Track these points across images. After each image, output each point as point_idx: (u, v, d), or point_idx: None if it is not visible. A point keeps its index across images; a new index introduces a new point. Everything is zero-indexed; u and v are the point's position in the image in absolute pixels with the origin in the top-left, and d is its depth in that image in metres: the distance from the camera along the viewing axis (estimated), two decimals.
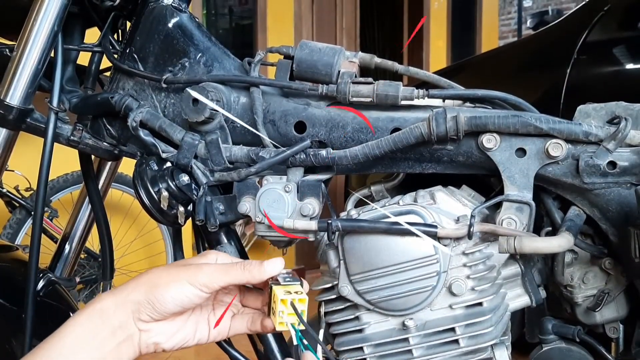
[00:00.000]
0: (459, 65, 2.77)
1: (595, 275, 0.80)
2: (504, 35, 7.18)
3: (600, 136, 0.69)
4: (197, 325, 0.65)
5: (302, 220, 0.73)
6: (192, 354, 2.86)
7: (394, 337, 0.75)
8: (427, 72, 0.80)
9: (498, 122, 0.69)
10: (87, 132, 0.86)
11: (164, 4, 0.83)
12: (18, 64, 0.79)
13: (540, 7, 7.17)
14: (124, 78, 0.85)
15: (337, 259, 0.76)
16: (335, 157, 0.73)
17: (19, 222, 2.42)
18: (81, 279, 2.49)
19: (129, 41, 0.85)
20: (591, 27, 1.80)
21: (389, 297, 0.73)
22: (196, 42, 0.82)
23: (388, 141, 0.72)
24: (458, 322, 0.72)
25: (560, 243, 0.69)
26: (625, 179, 0.69)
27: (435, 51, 5.39)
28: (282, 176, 0.75)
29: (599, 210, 0.73)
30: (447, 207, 0.75)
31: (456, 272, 0.72)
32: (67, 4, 0.79)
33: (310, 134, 0.77)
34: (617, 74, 1.80)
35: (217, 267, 0.62)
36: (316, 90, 0.76)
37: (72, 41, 0.91)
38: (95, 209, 0.95)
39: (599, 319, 0.81)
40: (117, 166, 1.07)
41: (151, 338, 0.62)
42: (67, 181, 2.52)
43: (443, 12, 5.47)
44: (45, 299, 0.93)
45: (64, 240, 1.09)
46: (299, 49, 0.77)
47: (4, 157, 0.86)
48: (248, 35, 4.09)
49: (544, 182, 0.74)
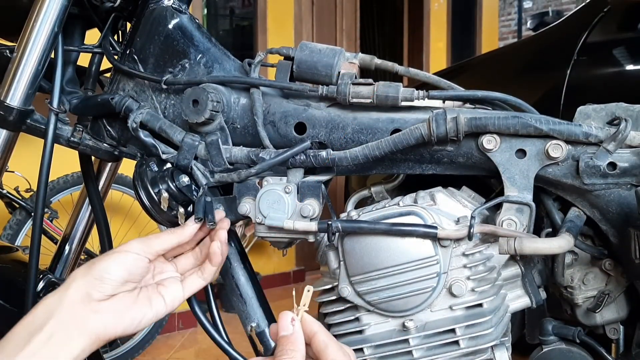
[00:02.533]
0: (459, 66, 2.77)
1: (595, 277, 0.80)
2: (504, 37, 7.19)
3: (600, 137, 0.69)
4: (150, 300, 0.67)
5: (302, 221, 0.73)
6: (192, 355, 2.86)
7: (394, 338, 0.75)
8: (427, 73, 0.80)
9: (498, 123, 0.70)
10: (87, 133, 0.86)
11: (164, 5, 0.83)
12: (18, 65, 0.79)
13: (540, 8, 7.17)
14: (124, 79, 0.85)
15: (337, 260, 0.76)
16: (335, 158, 0.73)
17: (19, 223, 2.42)
18: None
19: (129, 42, 0.85)
20: (591, 28, 1.81)
21: (389, 298, 0.73)
22: (196, 43, 0.82)
23: (388, 142, 0.72)
24: (458, 323, 0.72)
25: (560, 244, 0.69)
26: (625, 180, 0.69)
27: (435, 52, 5.39)
28: (282, 177, 0.75)
29: (599, 211, 0.73)
30: (447, 208, 0.75)
31: (456, 273, 0.72)
32: (67, 5, 0.79)
33: (311, 135, 0.77)
34: (617, 75, 1.80)
35: (148, 237, 0.67)
36: (316, 91, 0.76)
37: (72, 42, 0.91)
38: (96, 210, 0.95)
39: (599, 320, 0.81)
40: (117, 167, 1.07)
41: (103, 320, 0.61)
42: (67, 182, 2.52)
43: (443, 14, 5.47)
44: None
45: (64, 241, 1.09)
46: (299, 50, 0.77)
47: (4, 158, 0.86)
48: (248, 37, 4.09)
49: (544, 183, 0.74)
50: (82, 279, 0.62)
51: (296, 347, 0.55)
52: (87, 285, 0.61)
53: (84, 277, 0.62)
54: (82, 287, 0.61)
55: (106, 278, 0.61)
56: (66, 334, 0.59)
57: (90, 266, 0.62)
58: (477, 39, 5.94)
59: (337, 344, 0.57)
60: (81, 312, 0.60)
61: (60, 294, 0.61)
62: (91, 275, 0.61)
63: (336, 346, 0.57)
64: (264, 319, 0.80)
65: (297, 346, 0.55)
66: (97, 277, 0.61)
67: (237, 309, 0.82)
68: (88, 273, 0.62)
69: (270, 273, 3.93)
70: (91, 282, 0.61)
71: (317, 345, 0.57)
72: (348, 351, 0.59)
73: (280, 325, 0.57)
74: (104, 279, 0.61)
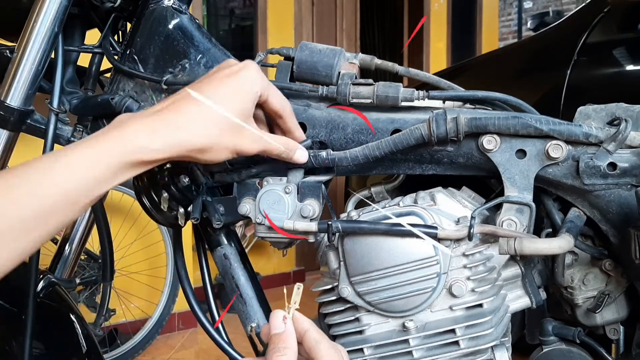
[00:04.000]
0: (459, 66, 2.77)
1: (595, 277, 0.80)
2: (504, 37, 7.19)
3: (600, 137, 0.69)
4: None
5: (302, 221, 0.73)
6: (193, 355, 2.86)
7: (394, 339, 0.75)
8: (427, 73, 0.80)
9: (498, 124, 0.70)
10: (88, 133, 0.86)
11: (165, 5, 0.83)
12: (18, 65, 0.79)
13: (541, 8, 7.17)
14: (124, 79, 0.85)
15: (337, 260, 0.76)
16: (336, 159, 0.73)
17: None
18: (81, 280, 2.49)
19: (129, 42, 0.85)
20: (591, 29, 1.81)
21: (389, 299, 0.73)
22: (196, 43, 0.82)
23: (388, 142, 0.72)
24: (458, 323, 0.72)
25: (560, 244, 0.69)
26: (625, 180, 0.69)
27: (435, 52, 5.39)
28: (282, 177, 0.75)
29: (599, 212, 0.73)
30: (447, 208, 0.75)
31: (456, 274, 0.72)
32: (67, 5, 0.79)
33: (311, 135, 0.77)
34: (617, 75, 1.80)
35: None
36: (316, 91, 0.76)
37: (72, 42, 0.91)
38: (96, 210, 0.95)
39: (599, 320, 0.81)
40: None
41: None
42: None
43: (443, 14, 5.47)
44: (45, 300, 0.93)
45: (64, 242, 1.09)
46: (299, 50, 0.77)
47: (4, 159, 0.86)
48: (248, 37, 4.09)
49: (544, 184, 0.74)
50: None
51: (288, 344, 0.55)
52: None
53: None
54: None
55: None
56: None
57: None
58: (477, 39, 5.94)
59: (328, 341, 0.58)
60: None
61: None
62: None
63: (328, 343, 0.57)
64: (264, 319, 0.80)
65: (289, 343, 0.56)
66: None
67: (237, 309, 0.82)
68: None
69: (270, 273, 3.93)
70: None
71: (308, 343, 0.57)
72: (340, 348, 0.59)
73: (272, 324, 0.57)
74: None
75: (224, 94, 0.63)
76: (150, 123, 0.59)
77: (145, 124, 0.59)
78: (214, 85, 0.63)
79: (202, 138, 0.61)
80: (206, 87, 0.63)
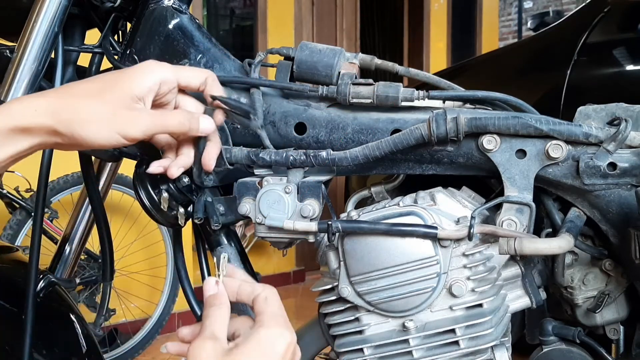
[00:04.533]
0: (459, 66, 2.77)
1: (595, 277, 0.80)
2: (504, 37, 7.19)
3: (600, 137, 0.69)
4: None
5: (302, 221, 0.73)
6: None
7: (394, 339, 0.75)
8: (427, 73, 0.80)
9: (498, 124, 0.70)
10: None
11: (165, 5, 0.83)
12: (18, 65, 0.79)
13: (541, 8, 7.17)
14: None
15: (337, 260, 0.76)
16: (336, 159, 0.73)
17: (19, 223, 2.42)
18: (81, 280, 2.49)
19: (129, 42, 0.85)
20: (591, 29, 1.81)
21: (389, 299, 0.73)
22: (196, 43, 0.82)
23: (388, 142, 0.72)
24: (458, 323, 0.72)
25: (560, 244, 0.69)
26: (625, 180, 0.69)
27: (436, 52, 5.39)
28: (282, 177, 0.75)
29: (599, 212, 0.73)
30: (447, 208, 0.75)
31: (456, 274, 0.72)
32: (67, 5, 0.79)
33: (311, 135, 0.77)
34: (617, 75, 1.80)
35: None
36: (316, 91, 0.76)
37: (72, 42, 0.91)
38: (96, 210, 0.95)
39: (599, 320, 0.81)
40: (117, 167, 1.07)
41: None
42: (67, 182, 2.52)
43: (443, 14, 5.47)
44: (45, 300, 0.92)
45: (64, 242, 1.09)
46: (299, 50, 0.77)
47: None
48: (248, 37, 4.10)
49: (544, 184, 0.74)
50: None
51: (222, 301, 0.62)
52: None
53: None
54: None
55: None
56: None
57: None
58: (477, 39, 5.94)
59: (259, 284, 0.64)
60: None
61: None
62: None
63: (260, 286, 0.64)
64: None
65: (222, 299, 0.62)
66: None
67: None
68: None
69: (270, 273, 3.93)
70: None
71: (244, 294, 0.63)
72: (267, 286, 0.65)
73: (206, 289, 0.63)
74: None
75: (112, 81, 0.64)
76: (39, 94, 0.62)
77: (33, 95, 0.62)
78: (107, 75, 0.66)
79: (84, 108, 0.61)
80: (103, 74, 0.66)
